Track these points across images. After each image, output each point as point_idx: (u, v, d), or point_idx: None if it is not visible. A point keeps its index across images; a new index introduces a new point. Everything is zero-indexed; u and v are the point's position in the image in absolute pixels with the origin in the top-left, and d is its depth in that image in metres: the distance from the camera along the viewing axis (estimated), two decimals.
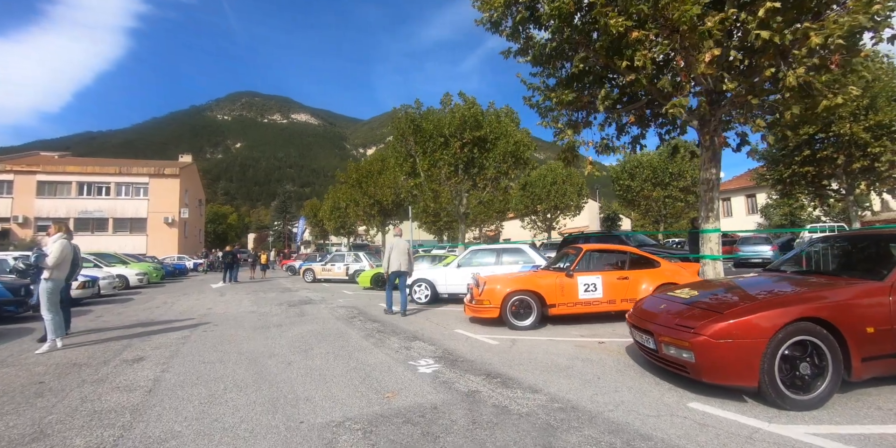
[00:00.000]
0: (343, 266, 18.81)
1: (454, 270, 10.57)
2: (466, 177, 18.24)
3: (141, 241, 38.43)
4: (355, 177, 29.83)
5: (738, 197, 44.07)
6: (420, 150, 19.01)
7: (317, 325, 7.76)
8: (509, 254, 10.77)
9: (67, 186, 38.12)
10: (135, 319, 8.95)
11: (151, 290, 16.72)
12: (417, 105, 19.33)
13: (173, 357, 5.52)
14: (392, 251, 8.94)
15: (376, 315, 8.88)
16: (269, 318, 8.60)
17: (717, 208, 10.26)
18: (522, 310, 7.31)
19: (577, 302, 7.46)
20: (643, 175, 29.77)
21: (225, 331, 7.33)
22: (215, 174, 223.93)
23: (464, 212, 19.27)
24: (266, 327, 7.57)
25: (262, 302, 11.67)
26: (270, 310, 9.96)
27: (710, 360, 3.69)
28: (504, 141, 17.64)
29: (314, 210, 54.90)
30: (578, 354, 5.40)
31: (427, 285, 10.62)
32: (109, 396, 4.04)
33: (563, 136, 10.07)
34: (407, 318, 8.34)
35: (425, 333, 6.83)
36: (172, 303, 11.89)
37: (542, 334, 6.77)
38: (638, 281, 7.76)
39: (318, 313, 9.25)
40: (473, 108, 18.01)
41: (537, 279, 7.48)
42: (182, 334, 7.12)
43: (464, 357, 5.29)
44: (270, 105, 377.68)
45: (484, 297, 7.30)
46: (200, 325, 8.05)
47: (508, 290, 7.24)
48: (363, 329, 7.26)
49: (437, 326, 7.47)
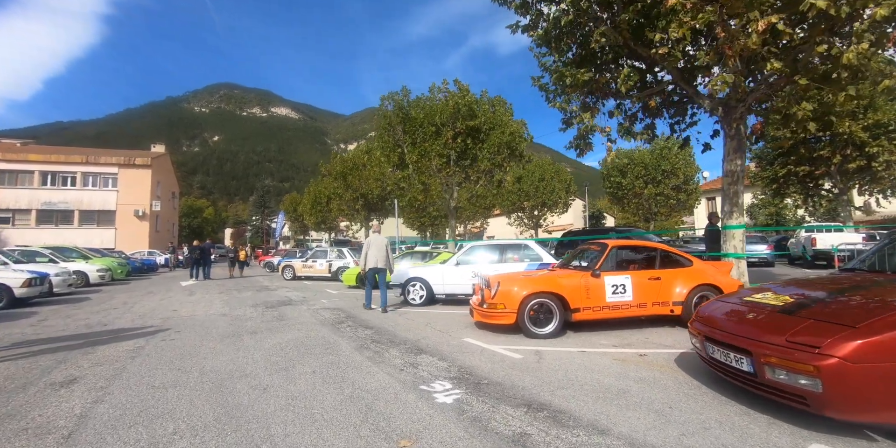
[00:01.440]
0: (325, 263, 17.57)
1: (452, 269, 9.49)
2: (458, 169, 17.16)
3: (109, 234, 36.32)
4: (340, 168, 28.41)
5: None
6: (409, 140, 17.87)
7: (299, 332, 6.60)
8: (513, 250, 9.74)
9: (29, 176, 35.76)
10: (83, 324, 7.65)
11: (114, 287, 15.25)
12: (405, 92, 18.17)
13: (115, 378, 4.32)
14: (370, 248, 8.83)
15: (367, 319, 7.75)
16: (242, 323, 7.39)
17: (741, 202, 9.44)
18: (542, 315, 6.29)
19: (604, 305, 6.49)
20: (635, 172, 29.12)
21: (188, 340, 6.13)
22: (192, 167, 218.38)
23: (454, 206, 18.20)
24: (238, 335, 6.38)
25: (236, 303, 10.42)
26: (245, 312, 8.74)
27: (843, 389, 2.73)
28: (499, 131, 16.61)
29: (294, 204, 53.12)
30: (625, 372, 4.39)
31: (422, 285, 9.53)
32: (9, 446, 2.86)
33: (579, 120, 9.06)
34: (405, 325, 7.23)
35: (430, 344, 5.74)
36: (133, 303, 10.55)
37: (566, 344, 5.76)
38: (671, 281, 6.82)
39: (300, 317, 8.08)
40: (467, 97, 16.95)
41: (559, 279, 6.45)
42: (135, 345, 5.90)
43: (487, 377, 4.22)
44: (250, 98, 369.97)
45: (498, 300, 6.25)
46: (160, 331, 6.81)
47: (527, 293, 6.20)
48: (354, 338, 6.13)
49: (442, 334, 6.39)
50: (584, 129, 9.01)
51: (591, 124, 8.89)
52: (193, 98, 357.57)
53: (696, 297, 6.77)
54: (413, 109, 17.77)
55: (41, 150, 40.44)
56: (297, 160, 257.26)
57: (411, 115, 17.72)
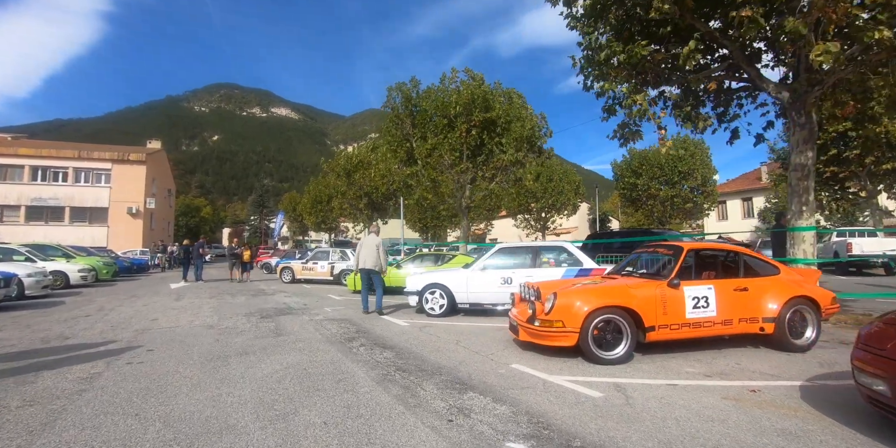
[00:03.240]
0: (327, 265, 16.25)
1: (478, 274, 8.19)
2: (472, 165, 15.88)
3: (101, 232, 34.94)
4: (344, 165, 27.02)
5: (734, 200, 42.79)
6: (418, 134, 16.59)
7: (301, 353, 5.29)
8: (549, 253, 8.45)
9: (19, 171, 34.37)
10: (41, 338, 6.34)
11: (96, 290, 13.91)
12: (414, 83, 16.89)
13: (43, 431, 3.02)
14: (361, 248, 8.65)
15: (383, 335, 6.45)
16: (231, 339, 6.08)
17: (811, 200, 8.19)
18: (609, 335, 5.02)
19: (683, 323, 5.22)
20: (650, 173, 27.87)
21: (160, 364, 4.81)
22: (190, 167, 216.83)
23: (466, 205, 16.91)
24: (224, 357, 5.07)
25: (227, 310, 9.10)
26: (235, 323, 7.43)
27: None
28: (518, 124, 15.33)
29: (293, 203, 51.76)
30: (755, 420, 3.18)
31: (443, 293, 8.23)
32: None
33: (630, 103, 7.76)
34: (431, 343, 5.92)
35: (472, 373, 4.45)
36: (110, 309, 9.23)
37: (645, 373, 4.51)
38: (760, 293, 5.56)
39: (302, 331, 6.77)
40: (482, 86, 15.69)
41: (630, 290, 5.17)
42: (91, 370, 4.59)
43: (574, 432, 2.94)
44: (250, 98, 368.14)
45: (555, 316, 4.95)
46: (128, 350, 5.50)
47: (592, 308, 4.91)
48: (372, 363, 4.83)
49: (482, 358, 5.09)
50: (635, 113, 7.70)
51: (645, 107, 7.59)
52: (193, 97, 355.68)
53: (790, 313, 5.51)
54: (423, 101, 16.49)
55: (32, 144, 39.07)
56: (296, 161, 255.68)
57: (421, 106, 16.46)
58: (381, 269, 8.67)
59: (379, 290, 8.61)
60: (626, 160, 29.54)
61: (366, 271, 8.61)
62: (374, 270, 8.56)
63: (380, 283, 8.68)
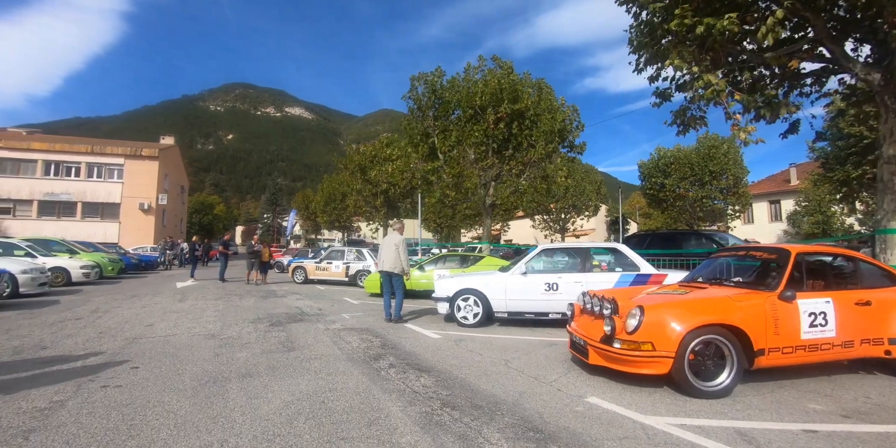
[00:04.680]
0: (342, 265, 15.28)
1: (518, 279, 7.11)
2: (498, 160, 14.79)
3: (113, 228, 34.48)
4: (357, 160, 26.02)
5: (761, 203, 41.00)
6: (441, 127, 15.55)
7: (317, 377, 4.25)
8: (600, 255, 7.38)
9: (32, 165, 34.02)
10: (14, 346, 5.41)
11: (97, 288, 13.07)
12: (439, 73, 15.85)
13: None
14: (381, 248, 7.91)
15: (415, 351, 5.40)
16: (233, 354, 5.07)
17: None
18: (709, 360, 3.94)
19: (797, 345, 4.16)
20: (680, 172, 26.50)
21: (140, 390, 3.82)
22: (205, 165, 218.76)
23: (491, 203, 15.82)
24: (222, 381, 4.06)
25: (232, 315, 8.13)
26: (240, 332, 6.44)
27: None
28: (549, 116, 14.21)
29: (306, 201, 51.05)
30: None
31: (478, 300, 7.17)
32: None
33: (702, 84, 6.61)
34: (475, 363, 4.84)
35: (542, 411, 3.38)
36: (105, 311, 8.32)
37: (763, 413, 3.50)
38: (885, 308, 4.45)
39: (317, 344, 5.75)
40: (511, 76, 14.60)
41: (733, 304, 4.08)
42: (52, 398, 3.61)
43: None
44: (264, 97, 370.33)
45: (642, 336, 3.88)
46: (109, 367, 4.52)
47: (690, 326, 3.84)
48: (408, 393, 3.77)
49: (544, 387, 4.02)
50: (707, 95, 6.54)
51: (722, 87, 6.42)
52: (209, 96, 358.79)
53: None
54: (447, 92, 15.44)
55: (45, 138, 38.83)
56: (309, 160, 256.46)
57: (445, 98, 15.41)
58: (401, 271, 7.71)
59: (399, 295, 7.75)
60: (654, 159, 28.20)
61: (385, 273, 7.72)
62: (393, 273, 7.66)
63: (400, 286, 7.78)
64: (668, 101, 8.33)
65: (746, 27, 6.93)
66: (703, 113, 7.63)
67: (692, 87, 6.97)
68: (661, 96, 8.35)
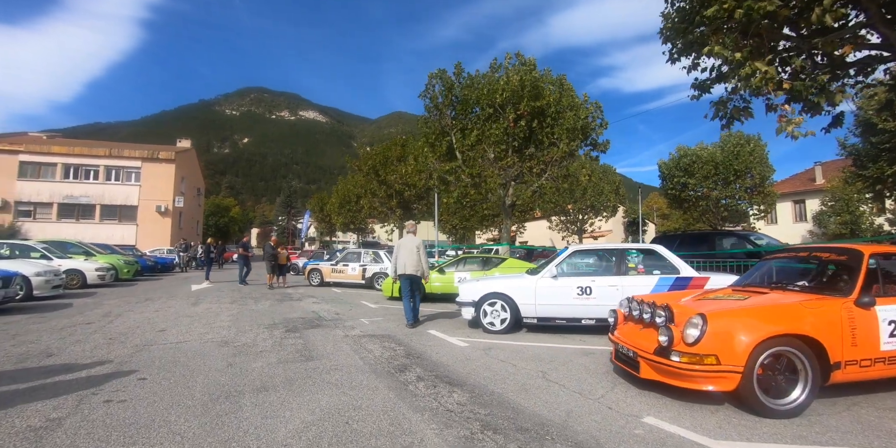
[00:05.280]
0: (359, 267, 14.94)
1: (548, 282, 6.66)
2: (519, 158, 14.35)
3: (130, 230, 34.74)
4: (371, 163, 25.71)
5: (784, 203, 39.75)
6: (459, 126, 15.18)
7: (338, 392, 3.85)
8: (637, 257, 6.89)
9: (52, 168, 34.44)
10: (20, 353, 5.12)
11: (112, 290, 12.90)
12: (457, 70, 15.47)
13: None
14: (399, 251, 7.51)
15: (441, 360, 4.98)
16: (247, 364, 4.71)
17: None
18: (780, 375, 3.47)
19: (877, 357, 3.68)
20: (703, 171, 25.72)
21: (146, 406, 3.46)
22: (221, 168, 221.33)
23: (511, 203, 15.38)
24: (235, 396, 3.68)
25: (247, 320, 7.80)
26: (255, 339, 6.08)
27: None
28: (572, 113, 13.73)
29: (321, 203, 50.99)
30: None
31: (505, 305, 6.74)
32: None
33: (748, 71, 6.10)
34: (510, 376, 4.40)
35: (597, 436, 2.94)
36: (117, 316, 8.05)
37: (850, 437, 3.06)
38: None
39: (337, 352, 5.36)
40: (533, 72, 14.17)
41: (805, 311, 3.61)
42: (50, 415, 3.27)
43: None
44: (279, 101, 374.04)
45: (705, 348, 3.42)
46: (115, 377, 4.19)
47: (760, 337, 3.38)
48: (442, 411, 3.35)
49: (592, 403, 3.57)
50: (755, 83, 6.03)
51: (773, 75, 5.90)
52: (225, 101, 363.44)
53: None
54: (466, 89, 15.07)
55: (65, 142, 39.31)
56: (323, 163, 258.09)
57: (464, 95, 15.03)
58: (422, 274, 7.53)
59: (417, 299, 7.56)
60: (675, 158, 27.42)
61: (408, 277, 7.40)
62: (416, 276, 7.42)
63: (417, 291, 7.61)
64: (707, 93, 7.83)
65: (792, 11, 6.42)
66: (747, 103, 7.11)
67: (736, 76, 6.47)
68: (700, 88, 7.85)
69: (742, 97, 7.09)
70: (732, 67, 6.50)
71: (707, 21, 6.57)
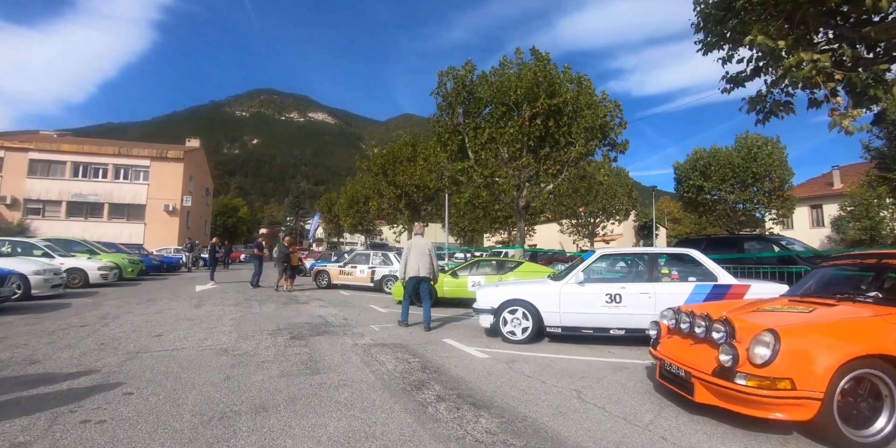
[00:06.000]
0: (367, 269, 14.50)
1: (573, 288, 6.16)
2: (534, 158, 13.85)
3: (138, 229, 34.62)
4: (380, 163, 25.31)
5: (801, 208, 38.83)
6: (471, 124, 14.71)
7: (348, 415, 3.37)
8: (670, 262, 6.38)
9: (61, 166, 34.42)
10: (1, 361, 4.70)
11: (114, 290, 12.55)
12: (469, 68, 15.02)
13: None
14: (410, 253, 7.47)
15: (461, 374, 4.49)
16: (246, 377, 4.25)
17: None
18: (862, 402, 2.96)
19: None
20: (720, 174, 25.05)
21: (126, 430, 2.99)
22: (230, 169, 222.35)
23: (525, 205, 14.88)
24: (230, 419, 3.22)
25: (250, 324, 7.36)
26: (257, 347, 5.63)
27: None
28: (591, 112, 13.22)
29: (330, 204, 50.72)
30: None
31: (526, 312, 6.24)
32: None
33: (794, 61, 5.58)
34: (541, 396, 3.90)
35: None
36: (115, 317, 7.65)
37: None
38: None
39: (346, 364, 4.89)
40: (548, 68, 13.69)
41: (888, 327, 3.09)
42: (15, 438, 2.82)
43: None
44: (288, 103, 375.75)
45: (778, 370, 2.92)
46: (99, 391, 3.74)
47: (844, 358, 2.88)
48: (468, 443, 2.85)
49: (641, 432, 3.06)
50: (803, 74, 5.50)
51: (825, 64, 5.37)
52: (235, 102, 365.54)
53: None
54: (478, 87, 14.61)
55: (74, 140, 39.41)
56: (332, 164, 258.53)
57: (476, 93, 14.57)
58: (434, 277, 7.64)
59: (427, 302, 7.40)
60: (690, 161, 26.76)
61: (417, 280, 7.44)
62: (426, 278, 7.47)
63: (428, 292, 7.52)
64: (741, 86, 7.30)
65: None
66: (789, 97, 6.58)
67: (780, 67, 5.95)
68: (734, 81, 7.31)
69: (784, 90, 6.56)
70: (775, 58, 5.97)
71: (749, 6, 6.06)
